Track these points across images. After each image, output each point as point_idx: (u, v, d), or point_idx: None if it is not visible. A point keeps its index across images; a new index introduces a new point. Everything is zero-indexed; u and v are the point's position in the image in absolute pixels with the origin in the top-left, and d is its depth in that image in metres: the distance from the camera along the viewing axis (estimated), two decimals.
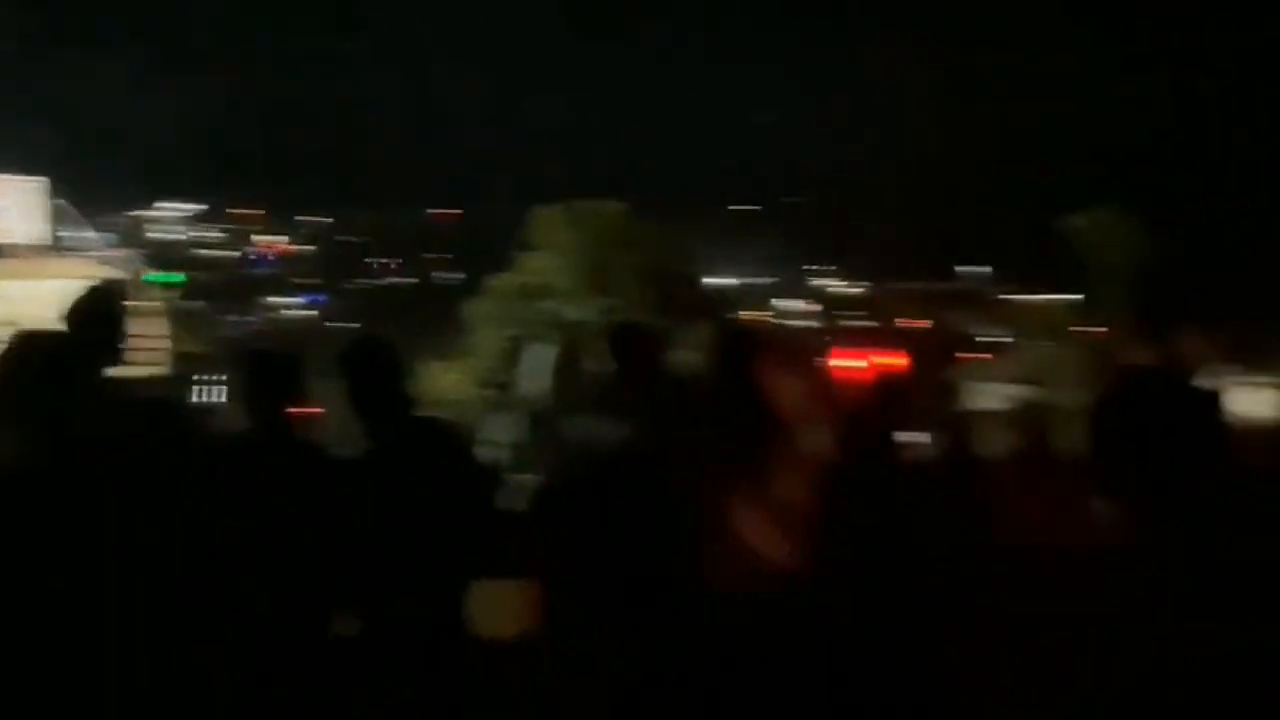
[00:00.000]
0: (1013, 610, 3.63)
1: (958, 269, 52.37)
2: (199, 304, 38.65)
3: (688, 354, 4.16)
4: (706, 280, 25.45)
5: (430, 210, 58.25)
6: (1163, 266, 23.27)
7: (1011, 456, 5.16)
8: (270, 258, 54.76)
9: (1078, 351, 20.25)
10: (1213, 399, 3.84)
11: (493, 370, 18.24)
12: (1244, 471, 3.83)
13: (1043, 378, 15.61)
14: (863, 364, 11.79)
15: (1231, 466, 3.68)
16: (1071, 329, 23.33)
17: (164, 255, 41.90)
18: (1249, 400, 4.67)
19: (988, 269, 49.94)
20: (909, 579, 3.45)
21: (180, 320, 23.82)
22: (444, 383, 20.46)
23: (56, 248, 22.78)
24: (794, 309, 49.83)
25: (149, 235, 49.85)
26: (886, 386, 4.47)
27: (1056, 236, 25.03)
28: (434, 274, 51.94)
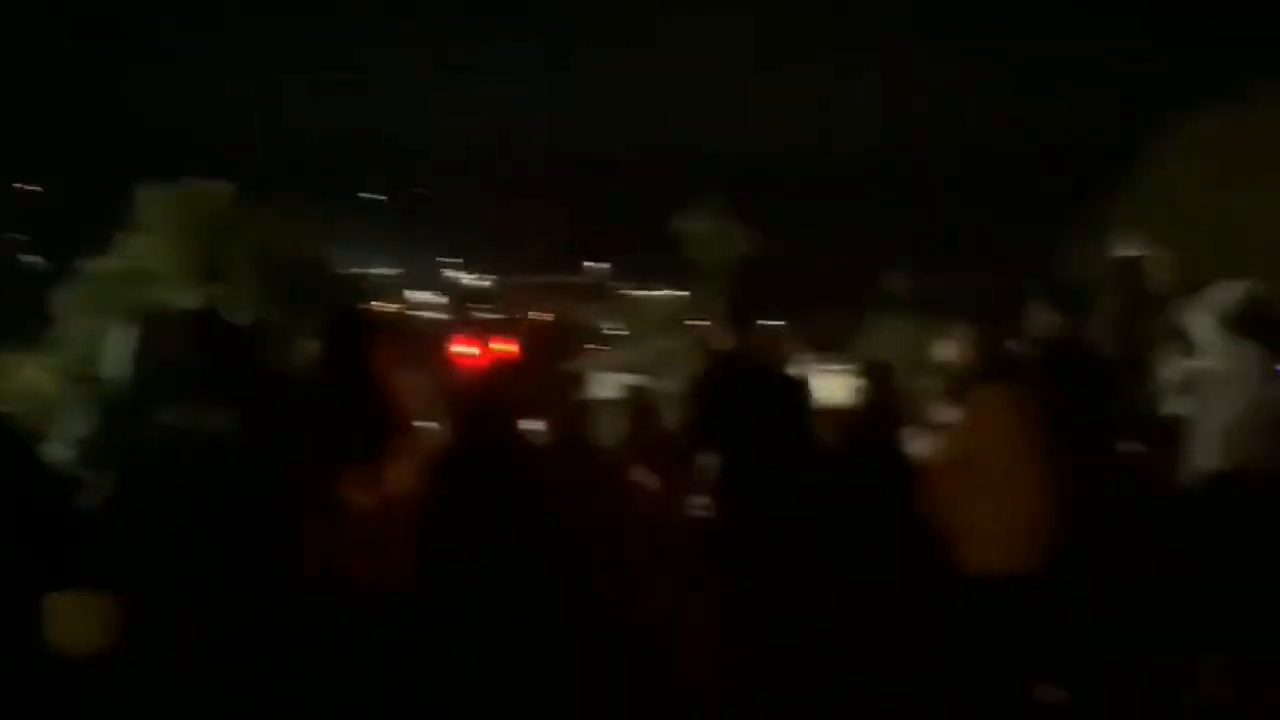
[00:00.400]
0: (617, 582, 3.81)
1: (581, 264, 54.23)
2: None
3: (307, 344, 3.98)
4: (332, 270, 24.54)
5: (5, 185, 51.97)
6: (756, 263, 25.40)
7: (622, 441, 5.41)
8: None
9: (687, 343, 21.59)
10: (799, 385, 4.21)
11: (82, 362, 16.63)
12: (823, 451, 4.24)
13: (655, 368, 16.49)
14: (475, 351, 12.03)
15: (812, 446, 4.05)
16: (683, 322, 24.83)
17: None
18: (827, 386, 5.16)
19: (607, 265, 52.10)
20: (521, 557, 3.52)
21: None
22: (24, 376, 18.48)
23: None
24: (423, 301, 49.43)
25: None
26: (497, 371, 4.55)
27: (671, 234, 26.53)
28: (14, 256, 46.69)
